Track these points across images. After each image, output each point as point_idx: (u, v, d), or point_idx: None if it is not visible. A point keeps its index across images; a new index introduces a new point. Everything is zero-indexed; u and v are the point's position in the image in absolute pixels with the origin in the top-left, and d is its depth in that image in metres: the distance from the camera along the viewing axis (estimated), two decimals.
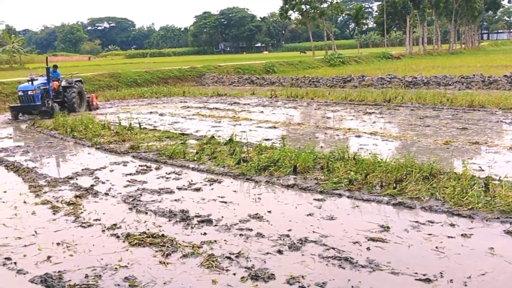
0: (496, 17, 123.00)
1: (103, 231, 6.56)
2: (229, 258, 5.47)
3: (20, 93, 18.41)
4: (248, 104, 21.07)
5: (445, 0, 66.85)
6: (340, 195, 7.67)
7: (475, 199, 6.81)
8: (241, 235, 6.18)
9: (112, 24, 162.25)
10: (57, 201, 8.00)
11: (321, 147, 11.16)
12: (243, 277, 5.01)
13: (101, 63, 68.84)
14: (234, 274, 5.10)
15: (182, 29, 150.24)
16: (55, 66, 20.38)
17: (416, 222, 6.39)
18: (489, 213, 6.49)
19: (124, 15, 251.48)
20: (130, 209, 7.45)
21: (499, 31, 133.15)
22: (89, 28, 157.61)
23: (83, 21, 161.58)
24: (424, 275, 4.88)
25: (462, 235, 5.91)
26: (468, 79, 23.68)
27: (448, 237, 5.87)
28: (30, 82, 18.94)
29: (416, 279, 4.83)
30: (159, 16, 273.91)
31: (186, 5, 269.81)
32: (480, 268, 5.03)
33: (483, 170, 8.43)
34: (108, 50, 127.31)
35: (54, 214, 7.38)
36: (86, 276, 5.20)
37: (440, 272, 4.94)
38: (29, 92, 18.30)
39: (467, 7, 71.00)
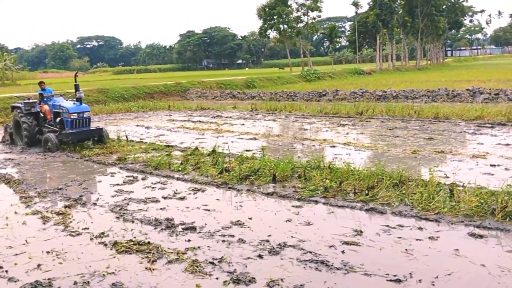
0: (459, 35, 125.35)
1: (91, 239, 6.46)
2: (212, 263, 5.43)
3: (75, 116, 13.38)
4: (230, 117, 21.06)
5: (411, 20, 67.95)
6: (316, 202, 7.70)
7: (441, 204, 6.89)
8: (223, 241, 6.14)
9: (100, 42, 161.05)
10: (47, 211, 7.87)
11: (299, 157, 11.18)
12: (225, 281, 4.98)
13: (90, 79, 68.02)
14: (217, 278, 5.07)
15: (167, 47, 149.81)
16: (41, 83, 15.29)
17: (387, 226, 6.44)
18: (454, 217, 6.57)
19: (112, 34, 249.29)
20: (117, 218, 7.37)
21: (462, 48, 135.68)
22: (78, 46, 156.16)
23: (73, 40, 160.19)
24: (394, 276, 4.91)
25: (429, 237, 5.97)
26: (434, 93, 24.01)
27: (417, 240, 5.92)
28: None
29: (387, 280, 4.85)
30: (145, 35, 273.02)
31: (171, 25, 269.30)
32: (446, 268, 5.07)
33: (448, 177, 8.52)
34: (97, 67, 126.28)
35: (44, 223, 7.26)
36: (75, 283, 5.11)
37: (410, 273, 4.97)
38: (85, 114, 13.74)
39: (432, 26, 72.19)
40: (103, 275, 5.28)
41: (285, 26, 58.14)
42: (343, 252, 5.62)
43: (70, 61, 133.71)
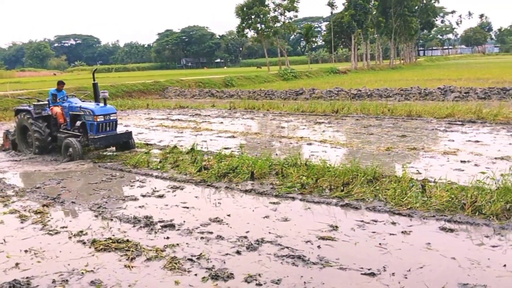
0: (431, 35, 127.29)
1: (70, 237, 6.37)
2: (190, 260, 5.41)
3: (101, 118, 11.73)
4: (209, 115, 20.99)
5: (385, 21, 68.75)
6: (293, 198, 7.73)
7: (414, 200, 7.00)
8: (202, 238, 6.13)
9: (78, 41, 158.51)
10: (25, 210, 7.72)
11: (276, 154, 11.21)
12: (204, 277, 4.97)
13: (67, 77, 67.02)
14: (196, 274, 5.05)
15: (146, 45, 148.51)
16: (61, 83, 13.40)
17: (362, 221, 6.51)
18: (426, 212, 6.68)
19: (89, 32, 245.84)
20: (96, 216, 7.27)
21: (433, 48, 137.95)
22: (56, 44, 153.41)
23: (50, 38, 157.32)
24: (369, 269, 4.97)
25: (402, 232, 6.06)
26: (407, 91, 24.33)
27: (390, 234, 6.00)
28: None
29: (362, 274, 4.91)
30: (124, 34, 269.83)
31: (149, 23, 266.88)
32: (418, 261, 5.16)
33: (420, 173, 8.66)
34: (75, 65, 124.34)
35: (22, 222, 7.12)
36: (54, 281, 5.04)
37: (383, 266, 5.04)
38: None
39: (405, 27, 73.12)
40: (82, 273, 5.21)
41: (263, 25, 58.17)
42: (319, 247, 5.66)
43: (47, 60, 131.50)
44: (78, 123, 12.04)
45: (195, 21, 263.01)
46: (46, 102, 12.89)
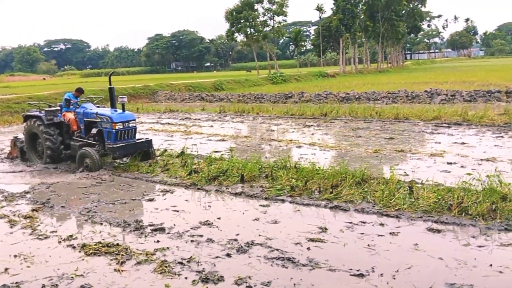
0: (418, 39, 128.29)
1: (59, 242, 6.31)
2: (181, 263, 5.39)
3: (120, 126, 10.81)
4: (199, 119, 20.95)
5: (373, 25, 69.19)
6: (283, 201, 7.74)
7: (401, 201, 7.04)
8: (192, 241, 6.11)
9: (68, 46, 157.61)
10: (14, 215, 7.64)
11: (266, 157, 11.22)
12: (194, 281, 4.95)
13: (57, 82, 66.58)
14: (186, 278, 5.03)
15: (136, 50, 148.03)
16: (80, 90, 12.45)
17: (350, 223, 6.53)
18: (413, 213, 6.72)
19: (79, 36, 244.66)
20: (86, 220, 7.22)
21: (420, 51, 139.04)
22: (45, 49, 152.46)
23: (40, 43, 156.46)
24: (358, 270, 4.99)
25: (390, 233, 6.09)
26: (394, 94, 24.47)
27: (378, 235, 6.02)
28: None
29: (351, 275, 4.93)
30: (114, 38, 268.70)
31: (139, 28, 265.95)
32: (406, 262, 5.19)
33: (407, 175, 8.71)
34: (64, 70, 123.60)
35: (11, 227, 7.05)
36: (43, 286, 4.99)
37: (372, 267, 5.06)
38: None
39: (392, 31, 73.61)
40: (72, 277, 5.17)
41: (252, 29, 58.28)
42: (308, 249, 5.67)
43: (37, 64, 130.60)
44: (94, 130, 11.21)
45: (185, 26, 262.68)
46: (58, 108, 12.04)
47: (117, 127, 10.72)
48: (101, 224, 6.98)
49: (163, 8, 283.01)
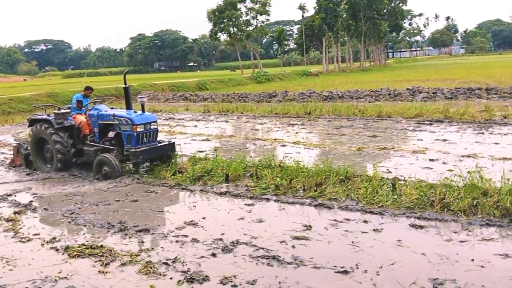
0: (399, 38, 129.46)
1: (43, 245, 6.24)
2: (166, 263, 5.36)
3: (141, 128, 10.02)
4: (183, 119, 20.86)
5: (355, 24, 69.68)
6: (268, 200, 7.75)
7: (384, 198, 7.11)
8: (177, 241, 6.08)
9: (49, 46, 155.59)
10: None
11: (251, 156, 11.21)
12: (179, 281, 4.93)
13: (38, 83, 65.68)
14: (171, 278, 5.01)
15: (118, 50, 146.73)
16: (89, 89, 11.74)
17: (335, 220, 6.57)
18: (396, 209, 6.79)
19: (60, 37, 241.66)
20: (69, 222, 7.14)
21: (402, 50, 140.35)
22: (26, 50, 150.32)
23: (20, 44, 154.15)
24: (342, 267, 5.02)
25: (374, 230, 6.14)
26: (377, 93, 24.66)
27: (362, 232, 6.07)
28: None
29: (335, 272, 4.96)
30: (95, 38, 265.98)
31: (121, 28, 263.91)
32: (390, 258, 5.24)
33: (390, 172, 8.79)
34: (46, 71, 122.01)
35: None
36: None
37: (356, 264, 5.10)
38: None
39: (374, 29, 74.24)
40: (55, 280, 5.11)
41: (235, 29, 58.26)
42: (293, 247, 5.69)
43: (17, 65, 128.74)
44: (111, 134, 10.26)
45: (168, 25, 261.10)
46: (68, 110, 11.10)
47: (138, 130, 9.85)
48: (85, 225, 6.92)
49: (146, 7, 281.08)
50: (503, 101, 19.84)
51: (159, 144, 10.29)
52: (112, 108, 11.30)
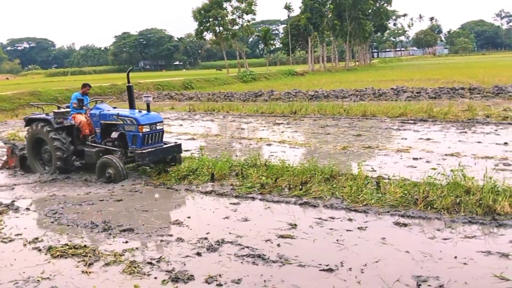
0: (384, 38, 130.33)
1: (25, 245, 6.15)
2: (150, 263, 5.32)
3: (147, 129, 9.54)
4: (168, 118, 20.74)
5: (340, 23, 70.02)
6: (253, 198, 7.75)
7: (369, 196, 7.16)
8: (162, 240, 6.05)
9: (32, 44, 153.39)
10: None
11: (236, 155, 11.21)
12: (164, 280, 4.90)
13: (21, 81, 64.74)
14: (155, 278, 4.97)
15: (102, 48, 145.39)
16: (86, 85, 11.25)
17: (320, 218, 6.59)
18: (380, 207, 6.83)
19: (44, 35, 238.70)
20: (52, 222, 7.05)
21: (387, 50, 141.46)
22: (8, 48, 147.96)
23: (3, 42, 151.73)
24: (327, 265, 5.04)
25: (358, 228, 6.18)
26: (362, 92, 24.83)
27: (347, 230, 6.10)
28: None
29: (320, 270, 4.97)
30: (79, 36, 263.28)
31: (106, 26, 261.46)
32: (374, 256, 5.27)
33: (375, 171, 8.84)
34: (29, 69, 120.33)
35: None
36: None
37: (341, 262, 5.12)
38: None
39: (359, 29, 74.67)
40: (38, 280, 5.04)
41: (221, 28, 58.14)
42: (278, 245, 5.70)
43: (0, 64, 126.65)
44: (115, 134, 9.79)
45: (153, 24, 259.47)
46: (68, 110, 10.58)
47: (144, 130, 9.39)
48: (68, 225, 6.83)
49: (130, 6, 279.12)
50: (486, 101, 20.13)
51: (165, 146, 9.84)
52: (114, 108, 10.83)
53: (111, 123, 9.92)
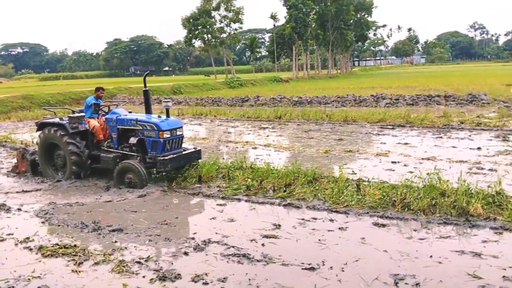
0: (364, 47, 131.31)
1: (16, 244, 6.04)
2: (139, 262, 5.27)
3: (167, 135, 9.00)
4: None
5: (323, 33, 70.33)
6: (239, 200, 7.74)
7: (349, 198, 7.20)
8: (150, 240, 5.99)
9: (25, 49, 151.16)
10: None
11: (223, 158, 11.17)
12: (152, 279, 4.85)
13: (14, 85, 63.77)
14: (144, 276, 4.92)
15: (94, 54, 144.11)
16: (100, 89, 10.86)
17: (303, 219, 6.60)
18: (360, 209, 6.87)
19: (37, 40, 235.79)
20: (43, 222, 6.95)
21: (367, 58, 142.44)
22: (2, 53, 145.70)
23: None
24: (309, 264, 5.05)
25: (339, 228, 6.20)
26: (343, 99, 24.95)
27: (328, 230, 6.12)
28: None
29: (303, 268, 4.98)
30: (72, 42, 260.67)
31: (98, 32, 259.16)
32: (354, 255, 5.29)
33: (355, 174, 8.87)
34: (22, 73, 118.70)
35: None
36: None
37: (322, 261, 5.13)
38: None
39: (341, 39, 75.08)
40: (29, 279, 4.95)
41: (209, 36, 58.00)
42: (263, 245, 5.69)
43: None
44: (134, 140, 9.17)
45: (144, 31, 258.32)
46: (83, 114, 10.06)
47: (165, 136, 8.86)
48: (59, 226, 6.74)
49: (122, 13, 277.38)
50: (460, 108, 20.40)
51: (185, 152, 9.32)
52: (130, 112, 10.29)
53: (129, 128, 9.35)
